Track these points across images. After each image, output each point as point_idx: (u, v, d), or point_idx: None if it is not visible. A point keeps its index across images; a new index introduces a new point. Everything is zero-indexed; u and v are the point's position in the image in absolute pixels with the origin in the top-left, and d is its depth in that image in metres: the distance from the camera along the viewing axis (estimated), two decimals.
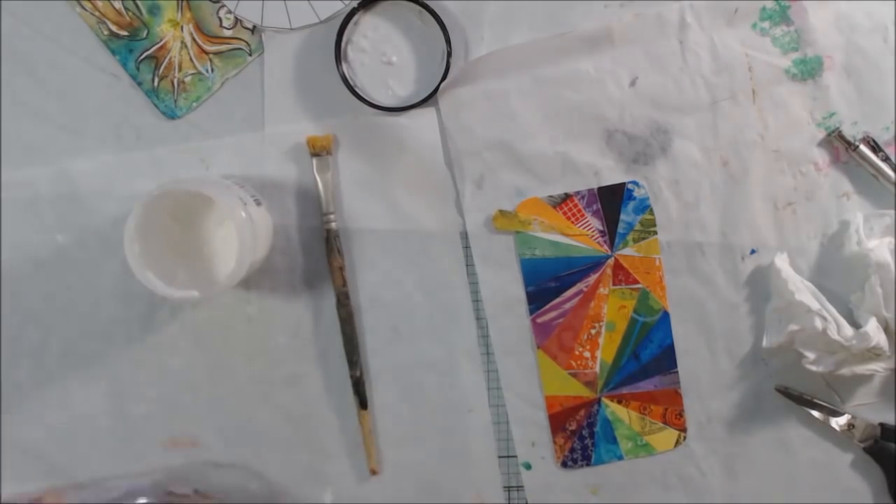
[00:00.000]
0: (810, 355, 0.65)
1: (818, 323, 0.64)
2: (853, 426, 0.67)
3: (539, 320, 0.68)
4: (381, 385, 0.70)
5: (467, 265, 0.69)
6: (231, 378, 0.70)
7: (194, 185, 0.61)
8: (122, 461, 0.70)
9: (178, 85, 0.69)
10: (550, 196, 0.68)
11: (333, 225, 0.68)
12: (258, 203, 0.66)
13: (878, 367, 0.65)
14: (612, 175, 0.68)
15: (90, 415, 0.70)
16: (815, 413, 0.67)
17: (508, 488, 0.70)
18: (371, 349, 0.70)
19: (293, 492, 0.70)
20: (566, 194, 0.68)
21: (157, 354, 0.70)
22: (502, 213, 0.68)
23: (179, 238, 0.65)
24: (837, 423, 0.67)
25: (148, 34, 0.68)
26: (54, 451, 0.70)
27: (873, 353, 0.65)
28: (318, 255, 0.69)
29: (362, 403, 0.69)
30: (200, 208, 0.66)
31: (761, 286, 0.68)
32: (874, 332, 0.64)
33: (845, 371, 0.65)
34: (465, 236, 0.69)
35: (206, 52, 0.69)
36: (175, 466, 0.70)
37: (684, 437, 0.68)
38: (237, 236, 0.61)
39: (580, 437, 0.69)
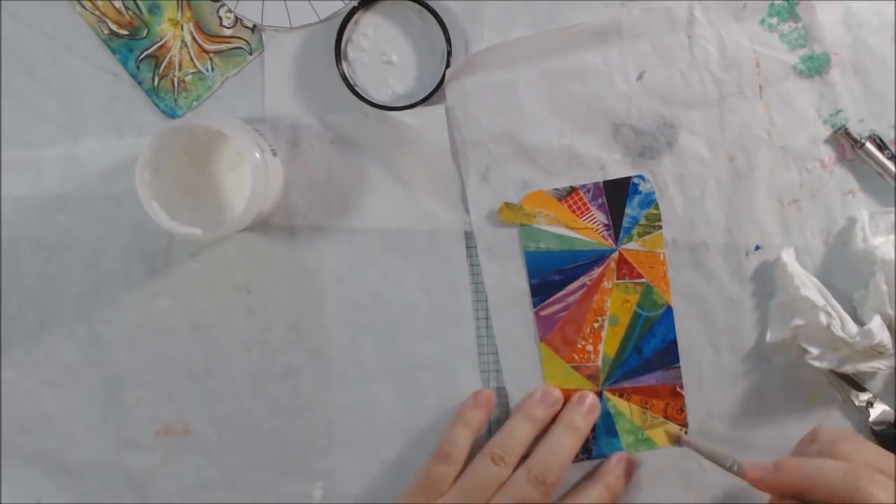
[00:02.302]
0: (814, 351, 0.65)
1: (822, 319, 0.64)
2: (871, 404, 0.67)
3: (542, 313, 0.68)
4: (378, 383, 0.70)
5: (470, 265, 0.69)
6: (227, 368, 0.70)
7: (214, 122, 0.61)
8: (116, 446, 0.71)
9: (179, 84, 0.69)
10: (556, 189, 0.68)
11: None
12: (274, 154, 0.66)
13: (881, 365, 0.65)
14: (618, 169, 0.68)
15: (85, 398, 0.70)
16: (840, 385, 0.68)
17: None
18: (369, 347, 0.70)
19: (283, 485, 0.70)
20: (571, 187, 0.68)
21: (155, 341, 0.70)
22: (507, 205, 0.68)
23: (191, 178, 0.65)
24: (858, 397, 0.67)
25: (148, 33, 0.68)
26: (48, 432, 0.71)
27: (876, 351, 0.65)
28: (320, 249, 0.69)
29: None
30: (216, 150, 0.66)
31: (765, 283, 0.68)
32: (878, 329, 0.64)
33: (848, 368, 0.65)
34: (469, 236, 0.69)
35: (207, 52, 0.68)
36: None
37: (685, 432, 0.68)
38: (250, 177, 0.61)
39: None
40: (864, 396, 0.67)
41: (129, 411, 0.70)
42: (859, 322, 0.65)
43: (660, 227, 0.68)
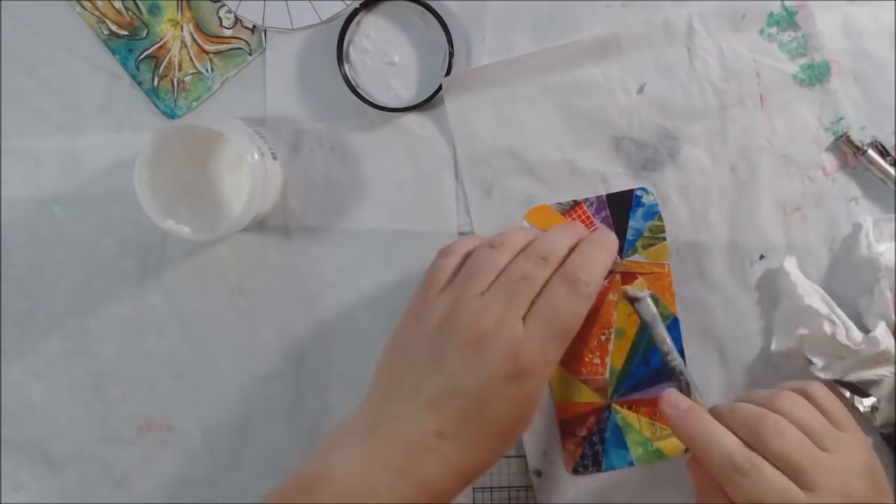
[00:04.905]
0: (818, 362, 0.65)
1: (826, 327, 0.64)
2: (876, 409, 0.67)
3: None
4: (365, 390, 0.68)
5: None
6: (214, 368, 0.70)
7: (216, 123, 0.61)
8: (97, 440, 0.70)
9: (178, 84, 0.68)
10: (559, 203, 0.68)
11: None
12: (274, 157, 0.66)
13: (886, 372, 0.66)
14: (621, 182, 0.68)
15: (70, 390, 0.70)
16: (845, 391, 0.67)
17: (517, 488, 0.70)
18: (358, 353, 0.69)
19: (265, 487, 0.70)
20: (575, 201, 0.68)
21: (143, 338, 0.70)
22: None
23: (190, 177, 0.65)
24: (863, 403, 0.67)
25: (148, 34, 0.68)
26: (31, 422, 0.70)
27: (882, 358, 0.65)
28: (314, 253, 0.69)
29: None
30: (216, 150, 0.66)
31: (770, 292, 0.68)
32: (883, 336, 0.64)
33: (852, 377, 0.65)
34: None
35: (206, 52, 0.68)
36: None
37: None
38: (249, 179, 0.61)
39: (590, 442, 0.69)
40: (869, 402, 0.67)
41: (113, 406, 0.70)
42: (864, 329, 0.65)
43: (664, 239, 0.68)
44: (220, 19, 0.68)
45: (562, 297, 0.58)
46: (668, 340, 0.65)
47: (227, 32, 0.68)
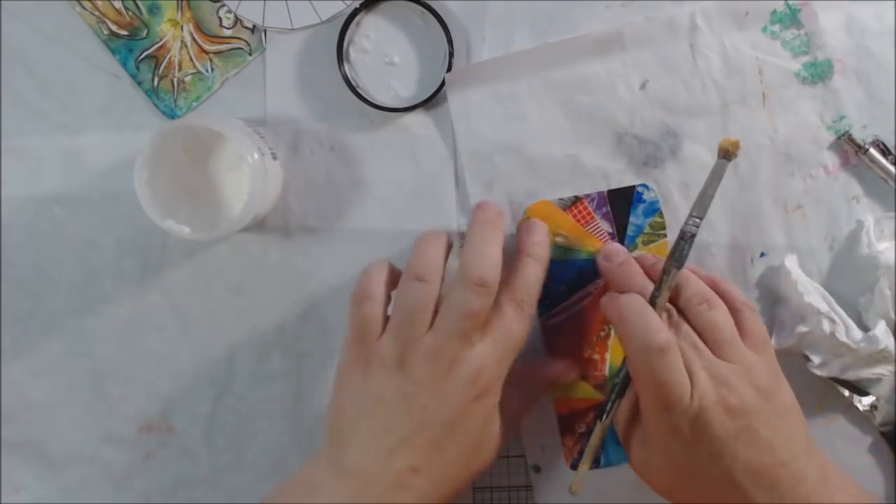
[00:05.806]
0: (815, 359, 0.65)
1: (826, 325, 0.64)
2: (876, 408, 0.67)
3: (549, 323, 0.68)
4: None
5: None
6: (214, 368, 0.70)
7: (216, 123, 0.61)
8: (97, 440, 0.70)
9: (178, 84, 0.68)
10: (560, 199, 0.68)
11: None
12: (274, 157, 0.66)
13: (885, 371, 0.66)
14: (622, 178, 0.68)
15: (70, 390, 0.70)
16: (844, 390, 0.68)
17: (517, 488, 0.70)
18: None
19: (263, 487, 0.70)
20: (576, 197, 0.68)
21: (143, 337, 0.70)
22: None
23: (190, 177, 0.65)
24: (861, 402, 0.67)
25: (148, 34, 0.68)
26: (31, 421, 0.70)
27: (881, 357, 0.65)
28: (314, 254, 0.69)
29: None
30: (216, 150, 0.66)
31: (771, 289, 0.68)
32: (883, 335, 0.64)
33: (850, 375, 0.66)
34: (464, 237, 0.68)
35: (206, 52, 0.68)
36: None
37: None
38: (249, 180, 0.61)
39: (589, 439, 0.69)
40: (868, 400, 0.68)
41: (113, 406, 0.70)
42: (864, 327, 0.65)
43: (664, 236, 0.68)
44: (220, 19, 0.68)
45: (512, 318, 0.60)
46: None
47: (227, 32, 0.68)
